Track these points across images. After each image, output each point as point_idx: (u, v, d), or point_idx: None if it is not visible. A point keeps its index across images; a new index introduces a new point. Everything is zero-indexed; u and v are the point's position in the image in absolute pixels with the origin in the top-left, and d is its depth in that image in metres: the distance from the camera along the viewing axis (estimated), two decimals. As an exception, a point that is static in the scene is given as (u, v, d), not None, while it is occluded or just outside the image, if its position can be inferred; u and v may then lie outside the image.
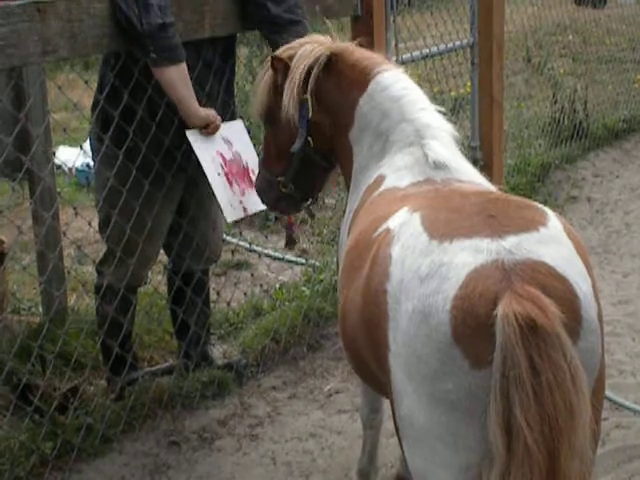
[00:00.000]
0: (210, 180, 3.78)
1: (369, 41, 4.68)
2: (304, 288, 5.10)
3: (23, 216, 5.40)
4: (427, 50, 5.53)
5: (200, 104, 3.77)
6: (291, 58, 3.13)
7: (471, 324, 1.99)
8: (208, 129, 3.80)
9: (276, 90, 3.18)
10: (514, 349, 1.92)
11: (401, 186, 2.72)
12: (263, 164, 3.41)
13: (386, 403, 3.27)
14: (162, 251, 4.29)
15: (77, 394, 3.91)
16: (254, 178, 3.64)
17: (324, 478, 3.68)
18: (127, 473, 3.76)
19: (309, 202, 3.45)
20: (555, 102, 8.18)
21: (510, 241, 2.04)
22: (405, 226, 2.24)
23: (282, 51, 3.19)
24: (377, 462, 3.47)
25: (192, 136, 3.78)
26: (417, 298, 2.07)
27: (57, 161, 6.34)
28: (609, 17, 10.52)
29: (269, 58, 3.20)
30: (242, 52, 6.54)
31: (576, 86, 8.58)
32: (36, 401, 3.75)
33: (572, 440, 1.94)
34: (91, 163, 5.05)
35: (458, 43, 5.74)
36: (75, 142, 6.82)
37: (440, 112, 3.00)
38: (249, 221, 6.26)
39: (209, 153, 3.82)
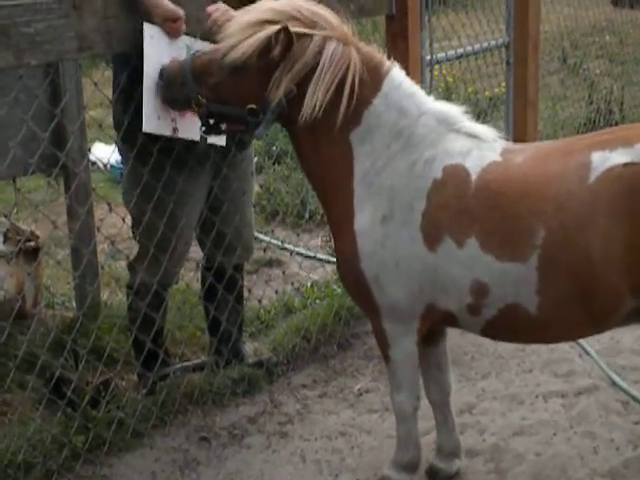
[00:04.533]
0: (144, 80, 3.36)
1: (403, 40, 4.70)
2: (335, 286, 5.09)
3: (58, 211, 5.45)
4: (462, 50, 5.51)
5: None
6: (300, 39, 2.92)
7: None
8: (172, 24, 3.42)
9: (263, 54, 2.94)
10: None
11: (499, 160, 2.92)
12: (192, 74, 3.13)
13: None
14: (194, 248, 4.31)
15: (109, 388, 3.93)
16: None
17: (353, 477, 3.67)
18: (157, 468, 3.78)
19: (202, 128, 3.26)
20: (591, 103, 8.12)
21: None
22: None
23: (293, 25, 2.92)
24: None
25: (148, 30, 3.37)
26: None
27: (92, 157, 6.40)
28: (646, 18, 10.42)
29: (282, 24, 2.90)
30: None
31: (612, 87, 8.50)
32: (69, 395, 3.79)
33: None
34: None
35: (493, 43, 5.71)
36: (110, 139, 6.87)
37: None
38: (281, 219, 6.28)
39: (160, 55, 3.38)
